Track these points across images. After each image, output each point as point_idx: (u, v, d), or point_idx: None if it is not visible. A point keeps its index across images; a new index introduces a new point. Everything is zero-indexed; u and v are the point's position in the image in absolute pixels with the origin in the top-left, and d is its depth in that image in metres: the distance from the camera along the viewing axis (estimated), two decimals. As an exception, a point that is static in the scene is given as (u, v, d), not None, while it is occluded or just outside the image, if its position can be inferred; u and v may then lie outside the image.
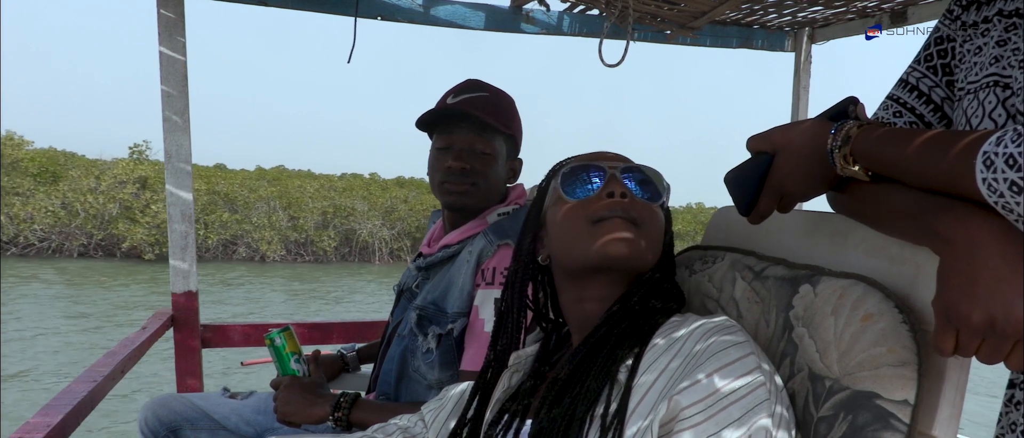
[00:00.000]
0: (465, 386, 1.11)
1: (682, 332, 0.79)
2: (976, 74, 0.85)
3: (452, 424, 1.04)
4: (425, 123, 1.51)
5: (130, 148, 21.93)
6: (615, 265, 0.87)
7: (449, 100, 1.49)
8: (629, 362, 0.79)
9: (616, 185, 0.89)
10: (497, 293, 1.39)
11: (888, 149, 0.71)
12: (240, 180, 22.10)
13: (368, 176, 26.93)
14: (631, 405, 0.74)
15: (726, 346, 0.73)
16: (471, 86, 1.51)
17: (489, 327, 1.37)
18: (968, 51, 0.88)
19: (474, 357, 1.40)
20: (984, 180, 0.60)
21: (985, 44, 0.85)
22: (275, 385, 1.45)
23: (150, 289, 14.36)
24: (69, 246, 18.72)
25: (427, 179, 1.55)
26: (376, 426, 1.14)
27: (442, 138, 1.48)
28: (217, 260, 19.84)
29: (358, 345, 1.96)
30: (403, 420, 1.14)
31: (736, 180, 0.88)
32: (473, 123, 1.45)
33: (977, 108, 0.82)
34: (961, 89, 0.88)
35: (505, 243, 1.43)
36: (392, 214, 22.24)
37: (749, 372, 0.71)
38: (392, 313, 1.67)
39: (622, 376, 0.78)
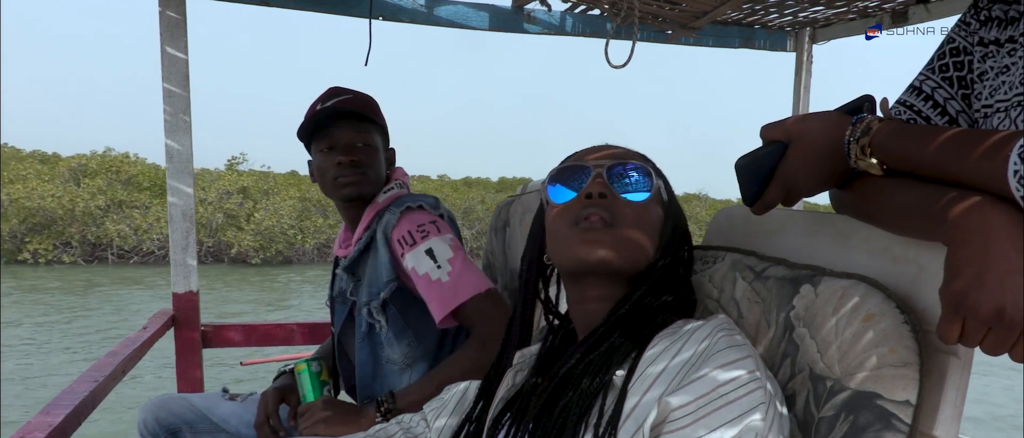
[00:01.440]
0: (466, 385, 1.10)
1: (680, 336, 0.77)
2: (1005, 93, 0.84)
3: (453, 421, 1.04)
4: (304, 135, 1.62)
5: (228, 160, 24.10)
6: (593, 269, 0.86)
7: (318, 108, 1.59)
8: (626, 366, 0.78)
9: (595, 185, 0.88)
10: (424, 246, 1.47)
11: (911, 142, 0.71)
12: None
13: (437, 177, 27.71)
14: (626, 410, 0.73)
15: (723, 348, 0.72)
16: (335, 92, 1.62)
17: (436, 275, 1.45)
18: (991, 68, 0.88)
19: (439, 305, 1.46)
20: (1016, 173, 0.60)
21: (1013, 63, 0.84)
22: (303, 411, 1.45)
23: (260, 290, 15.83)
24: None
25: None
26: (379, 426, 1.14)
27: (323, 142, 1.59)
28: (313, 263, 21.17)
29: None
30: (405, 420, 1.14)
31: (746, 168, 0.87)
32: (349, 120, 1.58)
33: (1009, 126, 0.82)
34: (987, 106, 0.88)
35: (405, 208, 1.53)
36: (470, 215, 22.99)
37: (744, 375, 0.70)
38: (333, 323, 1.73)
39: (618, 380, 0.78)
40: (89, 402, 1.32)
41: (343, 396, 1.75)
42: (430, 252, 1.47)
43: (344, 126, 1.57)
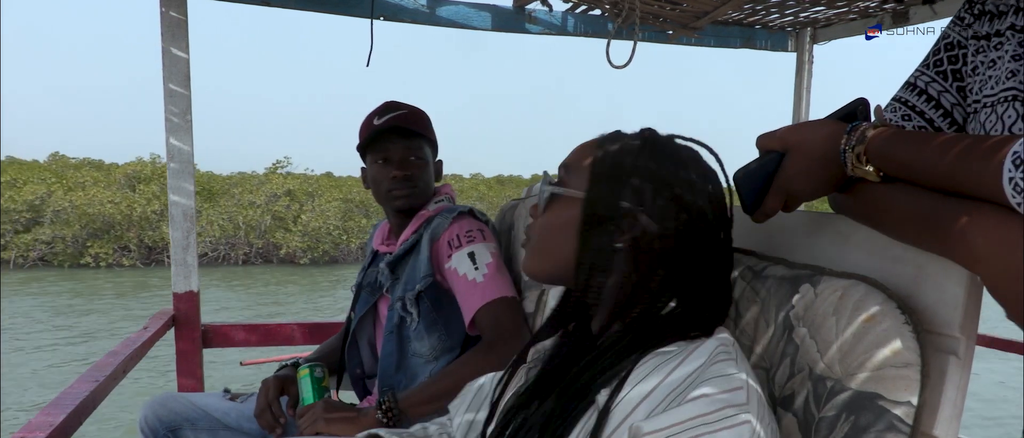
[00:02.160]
0: (483, 379, 1.08)
1: (673, 356, 0.73)
2: (992, 87, 0.84)
3: (470, 417, 1.02)
4: (360, 147, 1.72)
5: (274, 163, 25.38)
6: (538, 282, 0.89)
7: (375, 121, 1.69)
8: (612, 384, 0.73)
9: (535, 208, 0.90)
10: (468, 249, 1.56)
11: (906, 149, 0.70)
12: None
13: (470, 176, 28.96)
14: (606, 432, 0.70)
15: (713, 376, 0.68)
16: (391, 107, 1.71)
17: (472, 276, 1.53)
18: (982, 62, 0.88)
19: (467, 304, 1.52)
20: (1011, 179, 0.59)
21: (999, 58, 0.84)
22: (303, 412, 1.46)
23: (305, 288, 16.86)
24: (234, 255, 21.24)
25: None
26: (418, 425, 1.11)
27: (379, 154, 1.68)
28: (358, 262, 22.16)
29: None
30: (442, 421, 1.11)
31: (745, 179, 0.87)
32: (403, 136, 1.67)
33: (996, 122, 0.82)
34: (976, 101, 0.88)
35: (457, 215, 1.63)
36: (508, 213, 24.19)
37: (729, 409, 0.65)
38: (354, 309, 1.78)
39: (602, 398, 0.73)
40: (89, 402, 1.32)
41: (345, 388, 1.79)
42: (472, 255, 1.56)
43: (398, 141, 1.66)
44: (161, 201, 20.52)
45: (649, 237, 0.79)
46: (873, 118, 0.81)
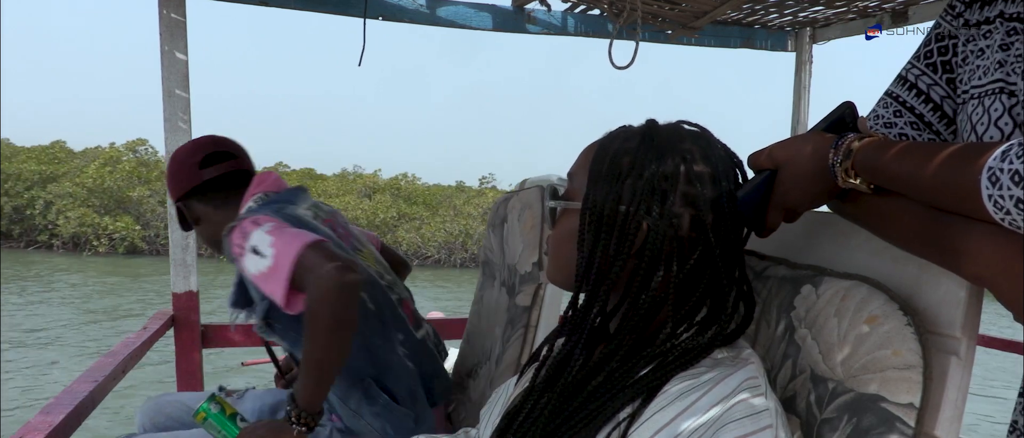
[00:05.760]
0: (508, 383, 1.06)
1: (699, 384, 0.70)
2: (980, 78, 0.83)
3: (492, 421, 1.00)
4: None
5: (481, 178, 28.65)
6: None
7: None
8: (634, 405, 0.71)
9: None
10: (251, 245, 1.33)
11: (891, 164, 0.69)
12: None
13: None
14: None
15: (739, 417, 0.66)
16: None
17: (263, 265, 1.31)
18: (971, 52, 0.87)
19: (275, 287, 1.30)
20: (990, 197, 0.58)
21: (987, 47, 0.83)
22: None
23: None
24: (453, 259, 23.73)
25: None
26: (462, 430, 1.08)
27: None
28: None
29: None
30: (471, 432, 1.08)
31: (743, 201, 0.86)
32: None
33: (982, 115, 0.81)
34: (965, 92, 0.86)
35: (228, 231, 1.40)
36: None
37: None
38: None
39: (623, 416, 0.71)
40: (89, 402, 1.32)
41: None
42: (255, 250, 1.33)
43: None
44: (396, 209, 23.96)
45: (653, 239, 0.75)
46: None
